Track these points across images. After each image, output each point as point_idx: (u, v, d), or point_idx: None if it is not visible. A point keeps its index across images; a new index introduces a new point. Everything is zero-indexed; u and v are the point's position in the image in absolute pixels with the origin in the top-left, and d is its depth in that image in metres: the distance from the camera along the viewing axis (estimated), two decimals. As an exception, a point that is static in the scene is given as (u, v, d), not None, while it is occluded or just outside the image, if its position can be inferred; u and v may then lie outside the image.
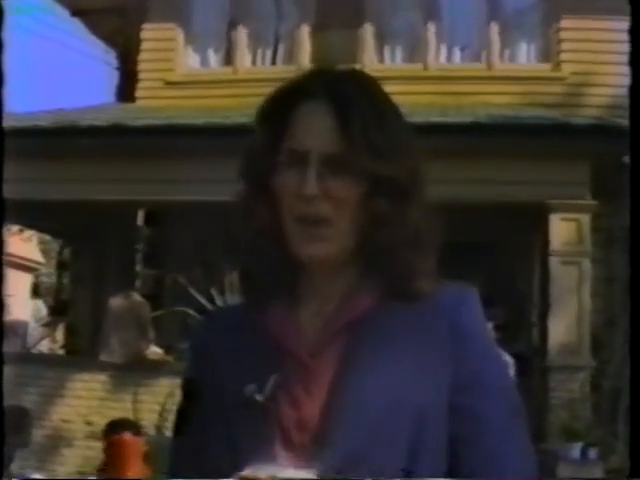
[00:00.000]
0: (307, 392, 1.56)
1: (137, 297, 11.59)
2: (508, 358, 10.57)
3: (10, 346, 12.52)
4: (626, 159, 2.51)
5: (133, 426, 8.45)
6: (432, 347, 1.56)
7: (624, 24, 2.71)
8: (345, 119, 1.52)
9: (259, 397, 1.55)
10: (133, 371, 11.06)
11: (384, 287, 1.60)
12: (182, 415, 1.71)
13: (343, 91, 1.56)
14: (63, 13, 15.59)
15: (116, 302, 11.51)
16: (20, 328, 14.05)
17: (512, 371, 10.48)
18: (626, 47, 2.60)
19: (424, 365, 1.54)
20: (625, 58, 2.58)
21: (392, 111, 1.61)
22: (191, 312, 10.32)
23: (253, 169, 1.63)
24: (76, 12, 15.37)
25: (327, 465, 1.48)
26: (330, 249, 1.56)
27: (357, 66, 12.86)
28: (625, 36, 2.58)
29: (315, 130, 1.54)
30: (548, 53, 13.01)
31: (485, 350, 1.62)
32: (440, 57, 13.22)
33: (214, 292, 10.04)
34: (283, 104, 1.60)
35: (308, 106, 1.56)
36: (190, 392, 1.70)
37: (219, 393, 1.60)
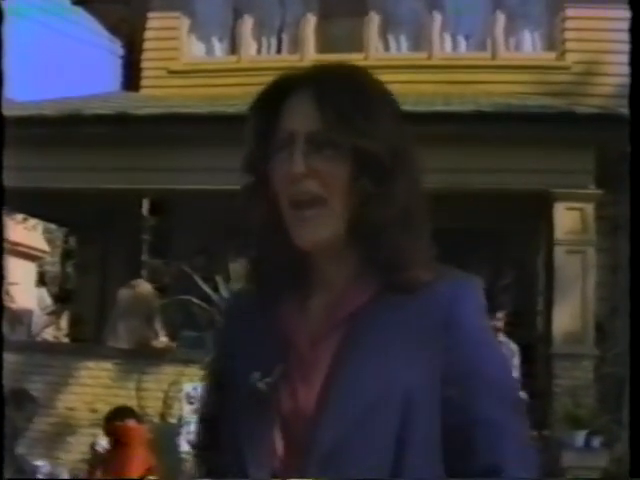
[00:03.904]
0: (305, 382, 1.60)
1: (146, 286, 11.60)
2: (513, 346, 10.60)
3: (15, 335, 12.55)
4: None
5: (136, 414, 8.48)
6: (427, 338, 1.57)
7: (628, 13, 2.71)
8: (325, 101, 1.60)
9: (261, 385, 1.59)
10: (137, 359, 11.08)
11: (382, 276, 1.62)
12: (206, 399, 1.78)
13: (325, 79, 1.64)
14: (67, 2, 15.59)
15: (125, 290, 11.53)
16: (25, 317, 14.08)
17: (517, 359, 10.50)
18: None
19: (417, 355, 1.55)
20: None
21: (376, 95, 1.66)
22: (196, 301, 10.33)
23: (251, 161, 1.69)
24: (80, 1, 15.36)
25: (313, 455, 1.52)
26: (323, 233, 1.60)
27: (362, 55, 12.88)
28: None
29: (300, 114, 1.62)
30: (553, 42, 12.99)
31: (480, 343, 1.61)
32: (445, 46, 13.21)
33: (219, 280, 10.04)
34: (274, 98, 1.67)
35: (295, 97, 1.64)
36: (211, 378, 1.77)
37: (231, 379, 1.67)
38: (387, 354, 1.56)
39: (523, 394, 9.85)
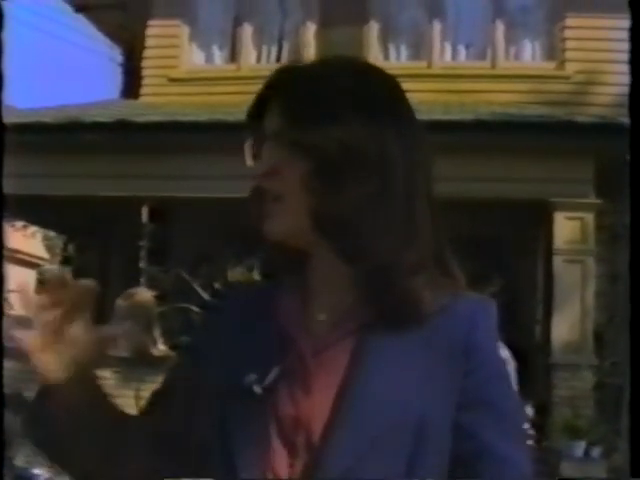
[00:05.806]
0: (306, 391, 1.53)
1: (146, 293, 11.58)
2: (505, 352, 10.58)
3: (13, 342, 12.51)
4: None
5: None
6: (444, 361, 1.52)
7: (628, 23, 2.70)
8: (288, 99, 1.59)
9: (257, 388, 1.53)
10: (136, 367, 11.06)
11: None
12: (165, 391, 1.72)
13: (287, 80, 1.62)
14: (67, 9, 15.61)
15: (125, 297, 11.51)
16: (24, 324, 14.05)
17: (512, 368, 10.49)
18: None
19: (433, 379, 1.51)
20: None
21: (342, 92, 1.60)
22: (194, 308, 10.33)
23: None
24: (80, 8, 15.39)
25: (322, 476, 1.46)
26: (280, 225, 1.57)
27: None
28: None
29: (270, 114, 1.61)
30: (553, 51, 13.01)
31: (495, 372, 1.57)
32: (445, 55, 13.23)
33: (218, 288, 10.04)
34: (259, 105, 1.66)
35: (275, 96, 1.63)
36: (186, 366, 1.71)
37: (218, 377, 1.58)
38: (403, 375, 1.51)
39: (529, 409, 9.84)
